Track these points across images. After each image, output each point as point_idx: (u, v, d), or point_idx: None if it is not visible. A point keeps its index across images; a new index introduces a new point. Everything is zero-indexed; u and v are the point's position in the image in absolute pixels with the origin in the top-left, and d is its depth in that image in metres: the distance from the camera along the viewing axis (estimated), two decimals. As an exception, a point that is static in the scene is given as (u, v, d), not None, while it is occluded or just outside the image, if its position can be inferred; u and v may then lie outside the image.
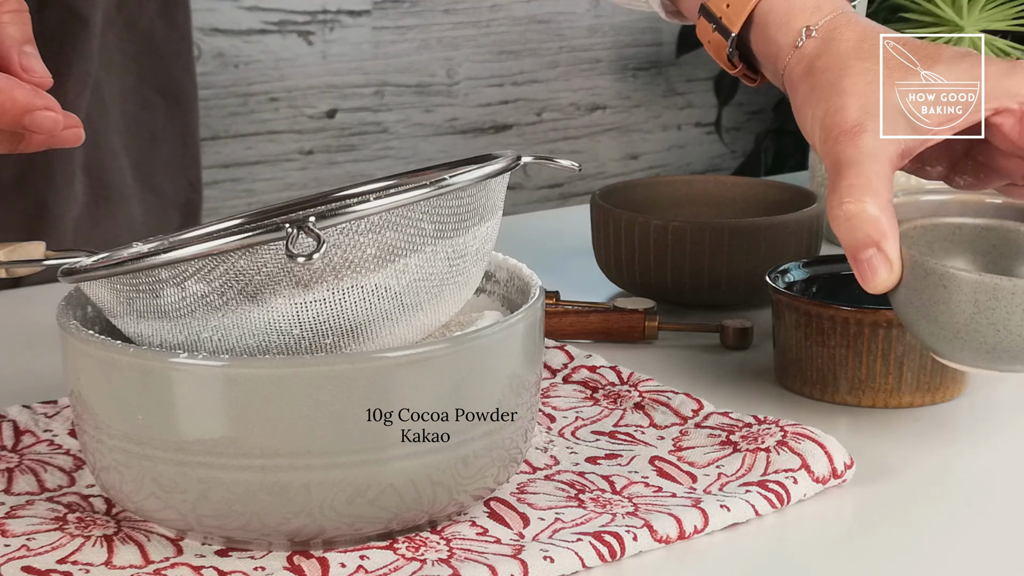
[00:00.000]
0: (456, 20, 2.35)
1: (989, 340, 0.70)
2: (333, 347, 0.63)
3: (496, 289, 0.74)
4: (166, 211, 1.13)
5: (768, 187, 1.08)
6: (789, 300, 0.83)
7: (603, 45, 2.49)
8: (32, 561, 0.64)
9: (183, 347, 0.63)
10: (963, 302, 0.69)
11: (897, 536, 0.68)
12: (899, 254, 0.71)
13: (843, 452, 0.72)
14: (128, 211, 1.10)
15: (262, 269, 0.61)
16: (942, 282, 0.70)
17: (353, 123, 2.29)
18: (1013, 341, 0.70)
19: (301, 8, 2.21)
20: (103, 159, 1.07)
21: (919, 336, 0.72)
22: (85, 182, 1.06)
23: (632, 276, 0.99)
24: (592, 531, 0.65)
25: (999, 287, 0.69)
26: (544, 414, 0.79)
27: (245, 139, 2.23)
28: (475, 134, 2.40)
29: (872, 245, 0.70)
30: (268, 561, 0.63)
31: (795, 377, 0.84)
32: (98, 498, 0.70)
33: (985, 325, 0.69)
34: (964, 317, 0.70)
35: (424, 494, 0.63)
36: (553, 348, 0.87)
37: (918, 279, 0.71)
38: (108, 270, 0.62)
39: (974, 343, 0.70)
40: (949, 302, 0.70)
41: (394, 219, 0.62)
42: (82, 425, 0.65)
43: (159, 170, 1.13)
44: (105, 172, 1.08)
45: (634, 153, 2.58)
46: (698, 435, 0.75)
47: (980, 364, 0.71)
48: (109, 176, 1.08)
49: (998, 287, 0.69)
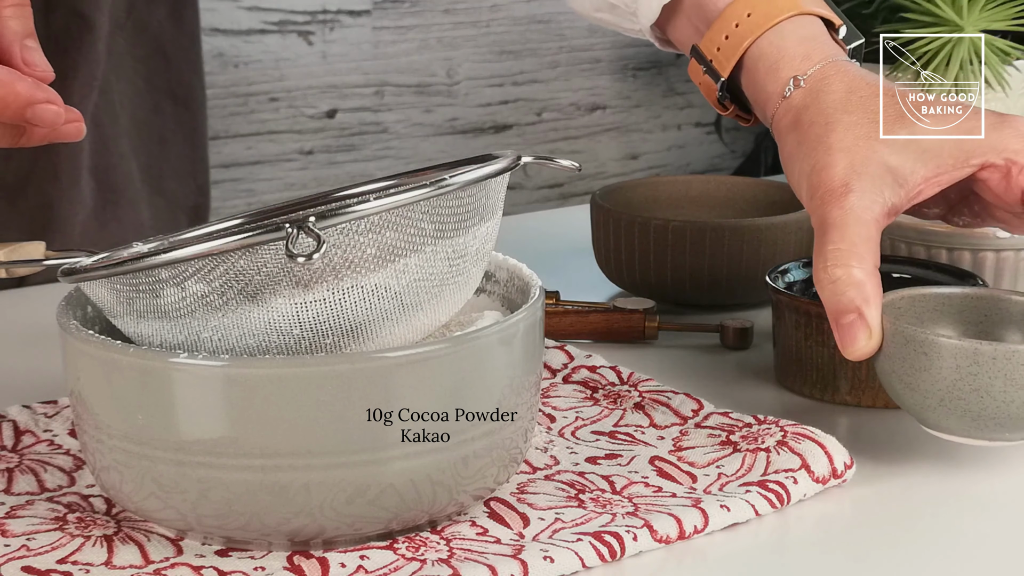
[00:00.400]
0: (456, 20, 2.35)
1: (973, 407, 0.69)
2: (333, 347, 0.63)
3: (496, 289, 0.74)
4: (175, 215, 1.14)
5: (768, 187, 1.08)
6: (789, 300, 0.83)
7: (603, 45, 2.49)
8: (32, 561, 0.64)
9: (183, 347, 0.63)
10: (944, 368, 0.69)
11: (897, 536, 0.68)
12: (879, 321, 0.70)
13: (843, 452, 0.72)
14: (136, 215, 1.10)
15: (262, 269, 0.61)
16: (922, 349, 0.70)
17: (353, 123, 2.29)
18: (998, 407, 0.69)
19: (301, 8, 2.21)
20: (111, 162, 1.07)
21: (905, 406, 0.72)
22: (92, 185, 1.06)
23: (632, 276, 0.99)
24: (592, 531, 0.65)
25: (979, 352, 0.68)
26: (544, 414, 0.79)
27: (245, 139, 2.23)
28: (475, 134, 2.40)
29: (854, 311, 0.70)
30: (268, 561, 0.63)
31: (795, 377, 0.84)
32: (98, 498, 0.70)
33: (968, 392, 0.69)
34: (946, 384, 0.69)
35: (424, 494, 0.63)
36: (553, 348, 0.87)
37: (899, 347, 0.71)
38: (108, 270, 0.62)
39: (958, 410, 0.70)
40: (930, 369, 0.70)
41: (394, 219, 0.62)
42: (82, 425, 0.65)
43: (168, 174, 1.13)
44: (113, 175, 1.08)
45: (634, 153, 2.58)
46: (698, 435, 0.75)
47: (966, 432, 0.71)
48: (117, 179, 1.08)
49: (978, 352, 0.68)
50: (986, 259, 0.90)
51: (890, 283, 0.88)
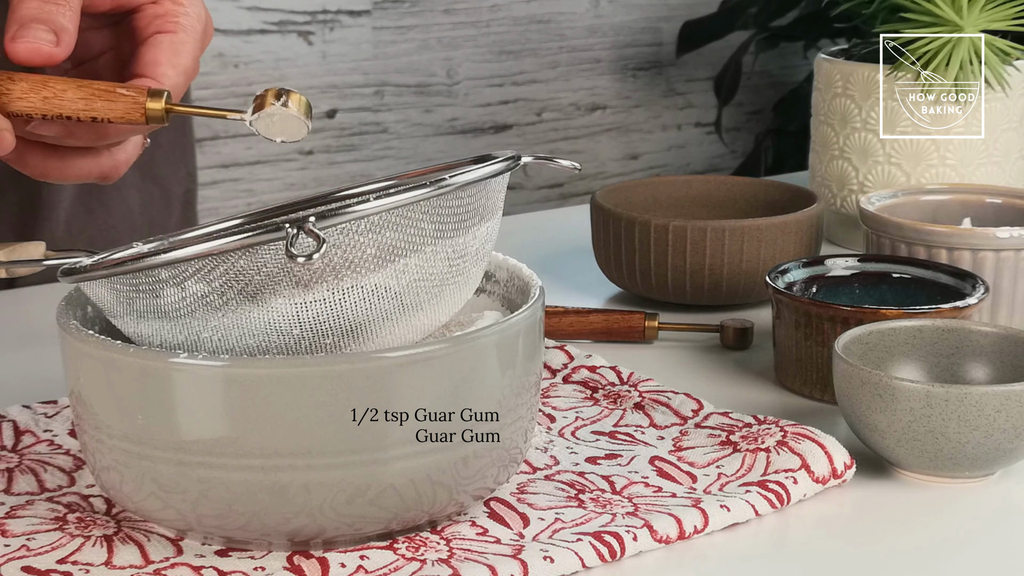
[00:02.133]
0: (456, 20, 2.35)
1: (929, 448, 0.70)
2: (333, 347, 0.63)
3: (496, 289, 0.74)
4: (168, 202, 1.13)
5: (768, 187, 1.08)
6: (789, 300, 0.83)
7: (603, 45, 2.49)
8: (32, 561, 0.64)
9: (183, 347, 0.63)
10: (899, 411, 0.70)
11: (897, 536, 0.68)
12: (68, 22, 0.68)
13: (843, 452, 0.72)
14: (124, 202, 1.09)
15: (262, 269, 0.61)
16: (877, 391, 0.70)
17: (353, 123, 2.29)
18: (954, 448, 0.70)
19: (301, 8, 2.21)
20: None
21: (868, 444, 0.73)
22: None
23: (632, 276, 0.99)
24: (592, 531, 0.65)
25: (932, 395, 0.69)
26: (544, 414, 0.79)
27: (245, 139, 2.23)
28: (475, 134, 2.40)
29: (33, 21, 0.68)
30: (268, 561, 0.63)
31: (795, 377, 0.84)
32: (98, 498, 0.70)
33: (923, 433, 0.70)
34: (902, 425, 0.70)
35: (424, 494, 0.63)
36: (553, 348, 0.87)
37: (856, 388, 0.71)
38: (108, 270, 0.62)
39: (915, 451, 0.70)
40: (886, 411, 0.70)
41: (394, 219, 0.62)
42: (82, 425, 0.65)
43: (160, 160, 1.13)
44: None
45: (634, 153, 2.58)
46: (698, 435, 0.75)
47: (929, 471, 0.72)
48: None
49: (931, 395, 0.69)
50: (986, 259, 0.90)
51: (890, 283, 0.88)
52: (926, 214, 1.00)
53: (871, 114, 1.09)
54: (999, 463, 0.71)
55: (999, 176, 1.09)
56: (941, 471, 0.71)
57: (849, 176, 1.11)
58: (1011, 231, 0.90)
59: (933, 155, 1.08)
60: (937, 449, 0.70)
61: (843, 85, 1.11)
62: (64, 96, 0.67)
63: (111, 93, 0.67)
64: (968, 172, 1.08)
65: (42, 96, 0.67)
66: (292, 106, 0.65)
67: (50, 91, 0.67)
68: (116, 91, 0.67)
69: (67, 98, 0.67)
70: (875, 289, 0.88)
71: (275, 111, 0.66)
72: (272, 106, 0.65)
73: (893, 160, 1.09)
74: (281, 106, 0.65)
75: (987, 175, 1.09)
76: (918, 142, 1.08)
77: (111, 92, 0.67)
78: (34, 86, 0.67)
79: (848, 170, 1.11)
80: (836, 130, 1.12)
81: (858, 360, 0.75)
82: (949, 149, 1.08)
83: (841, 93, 1.11)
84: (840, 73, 1.11)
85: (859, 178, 1.10)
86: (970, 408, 0.68)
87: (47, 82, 0.67)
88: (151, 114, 0.67)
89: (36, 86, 0.67)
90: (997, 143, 1.09)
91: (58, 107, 0.67)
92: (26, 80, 0.67)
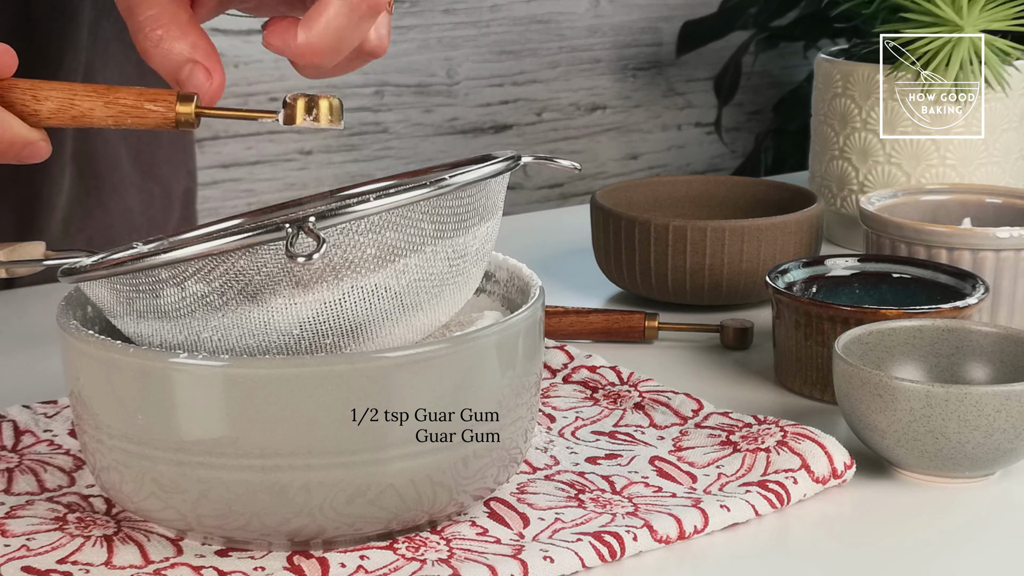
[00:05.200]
0: (456, 20, 2.35)
1: (930, 448, 0.70)
2: (333, 347, 0.63)
3: (496, 289, 0.74)
4: (168, 201, 1.13)
5: (768, 187, 1.08)
6: (789, 300, 0.83)
7: (603, 45, 2.49)
8: (32, 561, 0.64)
9: (183, 347, 0.63)
10: (899, 411, 0.70)
11: (897, 536, 0.68)
12: (219, 63, 0.69)
13: (843, 452, 0.72)
14: (123, 201, 1.09)
15: (262, 269, 0.61)
16: (877, 391, 0.70)
17: (353, 123, 2.29)
18: (953, 448, 0.70)
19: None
20: (95, 148, 1.07)
21: (868, 444, 0.73)
22: (73, 172, 1.06)
23: (632, 276, 0.99)
24: (592, 531, 0.65)
25: (932, 395, 0.69)
26: (544, 414, 0.79)
27: (245, 139, 2.23)
28: (475, 134, 2.40)
29: (187, 61, 0.69)
30: (268, 561, 0.63)
31: (795, 377, 0.84)
32: (98, 498, 0.70)
33: (923, 433, 0.70)
34: (902, 425, 0.70)
35: (424, 494, 0.63)
36: (553, 348, 0.87)
37: (856, 388, 0.71)
38: (108, 270, 0.62)
39: (916, 451, 0.70)
40: (886, 411, 0.70)
41: (394, 219, 0.62)
42: (82, 425, 0.65)
43: (161, 159, 1.13)
44: (95, 162, 1.07)
45: (634, 153, 2.58)
46: (698, 435, 0.75)
47: (929, 471, 0.72)
48: (99, 166, 1.08)
49: (931, 395, 0.69)
50: (986, 259, 0.90)
51: (890, 283, 0.88)
52: (926, 214, 1.00)
53: (871, 114, 1.09)
54: (999, 463, 0.71)
55: (999, 176, 1.09)
56: (941, 471, 0.71)
57: (849, 176, 1.11)
58: (1011, 231, 0.90)
59: (933, 155, 1.08)
60: (937, 449, 0.70)
61: (843, 85, 1.11)
62: (93, 115, 0.68)
63: (139, 109, 0.68)
64: (968, 172, 1.08)
65: (71, 116, 0.68)
66: (322, 119, 0.67)
67: (78, 110, 0.68)
68: (144, 107, 0.67)
69: (96, 117, 0.68)
70: (875, 289, 0.88)
71: (306, 127, 0.67)
72: (304, 122, 0.67)
73: (893, 160, 1.09)
74: (312, 121, 0.66)
75: (987, 175, 1.09)
76: (918, 142, 1.08)
77: (139, 108, 0.68)
78: (62, 105, 0.68)
79: (848, 170, 1.11)
80: (836, 130, 1.12)
81: (858, 360, 0.75)
82: (949, 149, 1.08)
83: (841, 93, 1.11)
84: (840, 73, 1.11)
85: (859, 178, 1.11)
86: (970, 408, 0.68)
87: (74, 100, 0.68)
88: (182, 118, 0.68)
89: (64, 105, 0.68)
90: (997, 143, 1.09)
91: (88, 124, 0.68)
92: (52, 100, 0.68)
